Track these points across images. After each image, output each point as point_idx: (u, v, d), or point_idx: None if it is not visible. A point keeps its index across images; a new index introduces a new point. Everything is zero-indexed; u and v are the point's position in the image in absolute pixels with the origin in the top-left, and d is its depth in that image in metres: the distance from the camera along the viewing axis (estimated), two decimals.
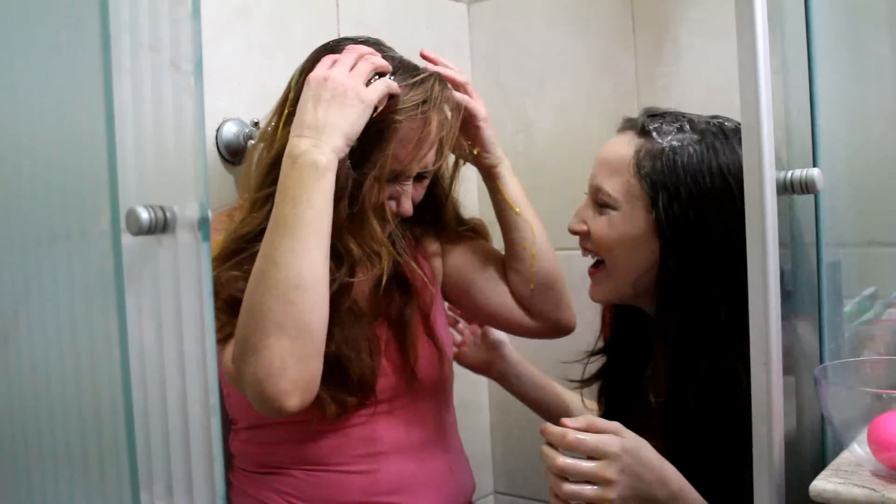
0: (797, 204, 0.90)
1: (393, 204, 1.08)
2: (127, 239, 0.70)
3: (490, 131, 1.18)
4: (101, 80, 0.71)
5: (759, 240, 0.80)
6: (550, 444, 0.92)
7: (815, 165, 0.90)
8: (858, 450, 0.80)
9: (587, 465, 0.89)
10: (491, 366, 1.36)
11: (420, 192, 1.12)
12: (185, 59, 0.67)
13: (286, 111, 1.05)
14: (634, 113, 1.56)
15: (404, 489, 1.12)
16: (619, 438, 0.90)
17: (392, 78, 1.04)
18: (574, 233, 1.14)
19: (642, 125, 1.07)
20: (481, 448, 1.77)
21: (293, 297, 0.92)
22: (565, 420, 0.92)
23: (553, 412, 1.33)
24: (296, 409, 0.93)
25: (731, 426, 0.94)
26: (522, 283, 1.21)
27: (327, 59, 1.02)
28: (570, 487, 0.90)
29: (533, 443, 1.41)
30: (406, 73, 1.06)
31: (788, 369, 0.84)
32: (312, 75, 1.00)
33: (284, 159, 0.97)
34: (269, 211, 0.99)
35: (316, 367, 0.96)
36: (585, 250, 1.14)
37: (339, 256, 1.04)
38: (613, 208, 1.07)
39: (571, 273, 1.62)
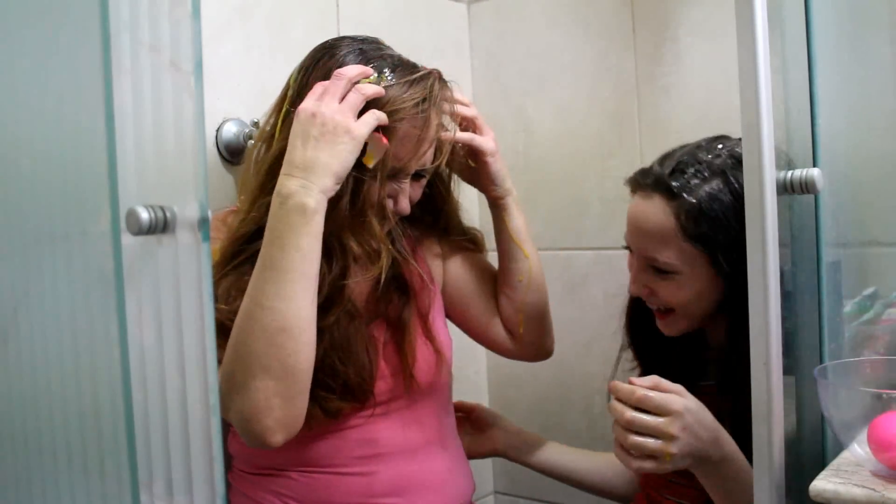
0: (797, 204, 0.90)
1: (390, 202, 1.08)
2: (127, 239, 0.70)
3: (498, 165, 1.19)
4: (101, 80, 0.71)
5: (759, 240, 0.80)
6: (619, 400, 0.97)
7: (815, 165, 0.90)
8: (858, 450, 0.80)
9: (653, 419, 0.94)
10: (495, 442, 1.37)
11: (417, 191, 1.12)
12: (185, 59, 0.67)
13: (284, 109, 1.05)
14: (634, 112, 1.56)
15: (402, 491, 1.12)
16: (683, 399, 0.95)
17: (391, 76, 1.04)
18: (638, 295, 1.18)
19: (668, 188, 1.08)
20: None
21: (279, 341, 0.93)
22: (633, 378, 0.98)
23: (583, 474, 1.36)
24: (280, 444, 0.96)
25: None
26: (512, 309, 1.24)
27: (318, 88, 1.00)
28: (635, 439, 0.95)
29: None
30: (405, 71, 1.05)
31: (788, 369, 0.84)
32: (302, 108, 0.98)
33: (273, 198, 0.97)
34: (268, 210, 0.99)
35: (301, 404, 0.97)
36: (652, 304, 1.18)
37: (334, 254, 1.05)
38: (676, 272, 1.10)
39: (571, 273, 1.63)
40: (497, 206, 1.22)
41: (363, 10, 1.50)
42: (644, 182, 1.12)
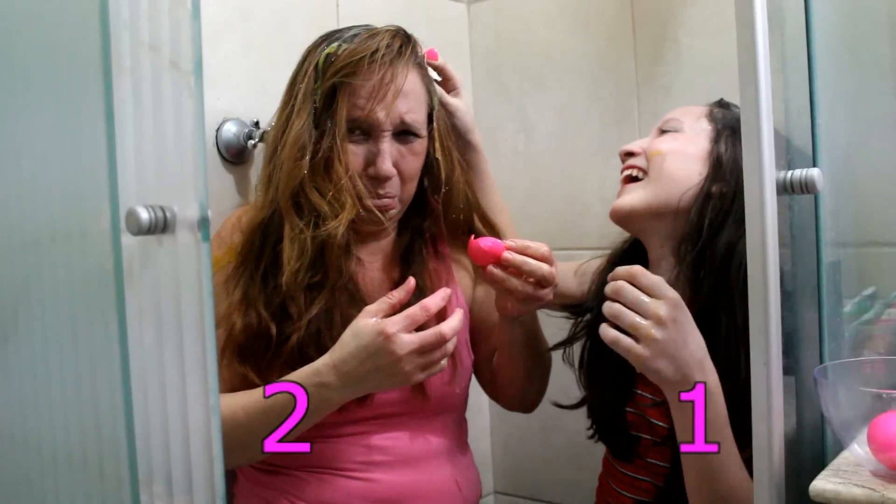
0: (797, 204, 0.90)
1: (371, 170, 1.08)
2: (127, 239, 0.70)
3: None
4: (101, 80, 0.71)
5: (759, 240, 0.80)
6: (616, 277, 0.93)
7: (815, 165, 0.90)
8: (858, 450, 0.80)
9: (644, 296, 0.89)
10: None
11: (410, 158, 1.11)
12: (185, 59, 0.67)
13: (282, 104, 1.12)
14: (634, 112, 1.56)
15: (405, 500, 1.11)
16: (678, 295, 0.90)
17: (353, 40, 1.09)
18: (628, 153, 1.15)
19: (720, 99, 1.14)
20: (481, 448, 1.77)
21: (260, 455, 1.06)
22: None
23: None
24: None
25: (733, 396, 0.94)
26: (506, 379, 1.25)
27: (416, 316, 0.99)
28: (617, 307, 0.90)
29: (533, 443, 1.42)
30: (365, 33, 1.09)
31: (788, 369, 0.84)
32: (388, 328, 0.97)
33: (311, 374, 1.00)
34: (271, 193, 1.08)
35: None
36: (631, 167, 1.14)
37: (304, 213, 1.06)
38: (679, 131, 1.11)
39: None
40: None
41: (363, 9, 1.50)
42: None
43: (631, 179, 1.14)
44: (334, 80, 1.05)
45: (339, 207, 1.05)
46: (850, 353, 0.96)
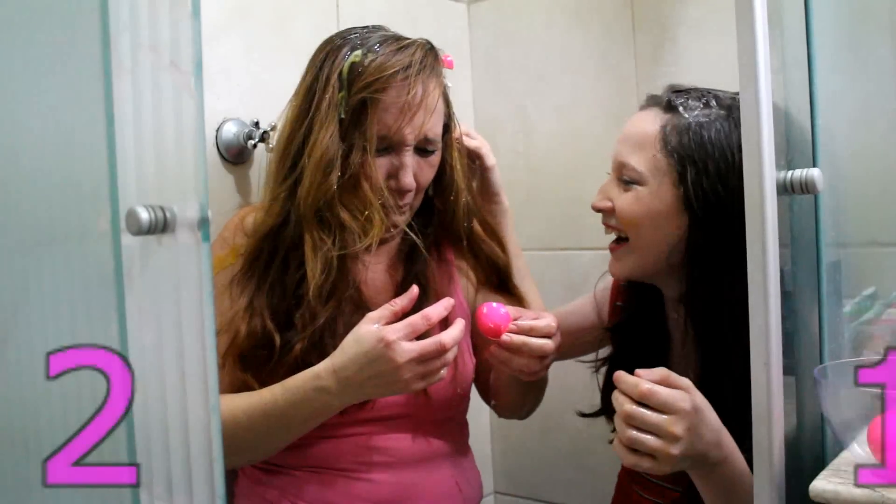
0: (797, 204, 0.90)
1: (393, 182, 1.08)
2: (127, 239, 0.70)
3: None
4: (101, 81, 0.71)
5: (759, 240, 0.80)
6: (622, 392, 0.90)
7: (815, 165, 0.90)
8: (858, 450, 0.80)
9: (656, 416, 0.87)
10: None
11: (427, 170, 1.11)
12: (185, 59, 0.67)
13: (292, 102, 1.10)
14: (634, 112, 1.56)
15: (405, 501, 1.11)
16: (691, 396, 0.88)
17: (379, 49, 1.06)
18: (598, 210, 1.12)
19: (668, 101, 1.06)
20: (481, 448, 1.77)
21: (260, 456, 1.09)
22: (640, 371, 0.90)
23: None
24: None
25: None
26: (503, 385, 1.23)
27: (415, 323, 0.99)
28: (633, 433, 0.87)
29: (533, 443, 1.42)
30: (392, 43, 1.07)
31: (788, 369, 0.84)
32: (387, 335, 0.97)
33: (311, 378, 1.00)
34: (286, 202, 1.06)
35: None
36: (609, 227, 1.12)
37: (330, 228, 1.06)
38: (640, 184, 1.05)
39: (571, 273, 1.63)
40: None
41: (363, 10, 1.50)
42: (650, 101, 1.09)
43: (618, 238, 1.12)
44: (364, 95, 1.03)
45: (368, 225, 1.05)
46: (850, 353, 0.96)
